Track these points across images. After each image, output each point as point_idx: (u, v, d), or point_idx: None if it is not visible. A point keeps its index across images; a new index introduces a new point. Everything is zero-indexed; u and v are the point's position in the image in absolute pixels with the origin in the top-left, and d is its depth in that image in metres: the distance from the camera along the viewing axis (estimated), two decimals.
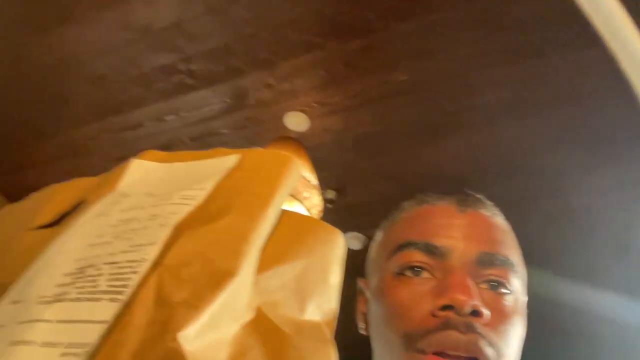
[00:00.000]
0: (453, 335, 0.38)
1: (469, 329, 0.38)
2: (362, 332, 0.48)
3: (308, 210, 1.36)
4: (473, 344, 0.38)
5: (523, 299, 0.44)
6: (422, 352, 0.39)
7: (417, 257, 0.41)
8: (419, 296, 0.40)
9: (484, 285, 0.41)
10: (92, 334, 0.18)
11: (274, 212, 0.25)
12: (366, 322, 0.48)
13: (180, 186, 0.28)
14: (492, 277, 0.41)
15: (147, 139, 1.66)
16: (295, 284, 0.26)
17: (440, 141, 1.55)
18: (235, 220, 0.23)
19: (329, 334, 0.25)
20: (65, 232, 0.27)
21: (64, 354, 0.18)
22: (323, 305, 0.26)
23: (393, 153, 1.61)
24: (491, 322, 0.40)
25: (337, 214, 1.73)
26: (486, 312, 0.39)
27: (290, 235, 0.27)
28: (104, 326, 0.18)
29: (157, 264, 0.20)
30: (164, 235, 0.22)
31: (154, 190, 0.29)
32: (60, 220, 0.30)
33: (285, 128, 1.56)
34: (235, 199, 0.24)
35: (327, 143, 1.60)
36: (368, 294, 0.48)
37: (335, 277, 0.28)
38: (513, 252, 0.44)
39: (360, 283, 0.50)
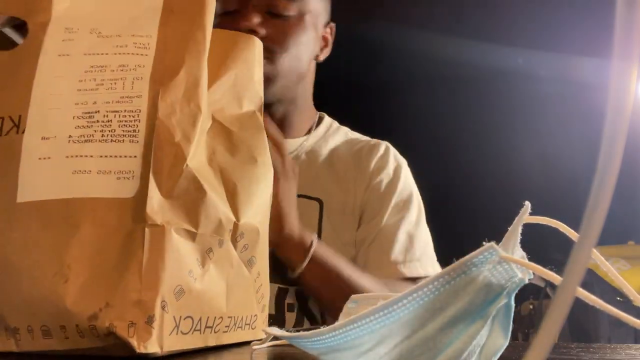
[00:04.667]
0: None
1: None
2: None
3: None
4: None
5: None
6: None
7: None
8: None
9: (268, 15, 0.62)
10: (131, 165, 0.31)
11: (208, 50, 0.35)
12: None
13: (124, 26, 0.35)
14: (271, 8, 0.63)
15: None
16: (232, 89, 0.38)
17: None
18: (189, 70, 0.33)
19: (261, 117, 0.39)
20: (29, 65, 0.34)
21: (118, 178, 0.31)
22: (254, 98, 0.39)
23: None
24: (272, 38, 0.62)
25: None
26: (262, 31, 0.60)
27: (219, 53, 0.37)
28: (136, 159, 0.31)
29: (152, 115, 0.31)
30: (145, 89, 0.32)
31: (99, 27, 0.36)
32: None
33: None
34: (182, 49, 0.33)
35: None
36: None
37: (258, 74, 0.40)
38: None
39: None
